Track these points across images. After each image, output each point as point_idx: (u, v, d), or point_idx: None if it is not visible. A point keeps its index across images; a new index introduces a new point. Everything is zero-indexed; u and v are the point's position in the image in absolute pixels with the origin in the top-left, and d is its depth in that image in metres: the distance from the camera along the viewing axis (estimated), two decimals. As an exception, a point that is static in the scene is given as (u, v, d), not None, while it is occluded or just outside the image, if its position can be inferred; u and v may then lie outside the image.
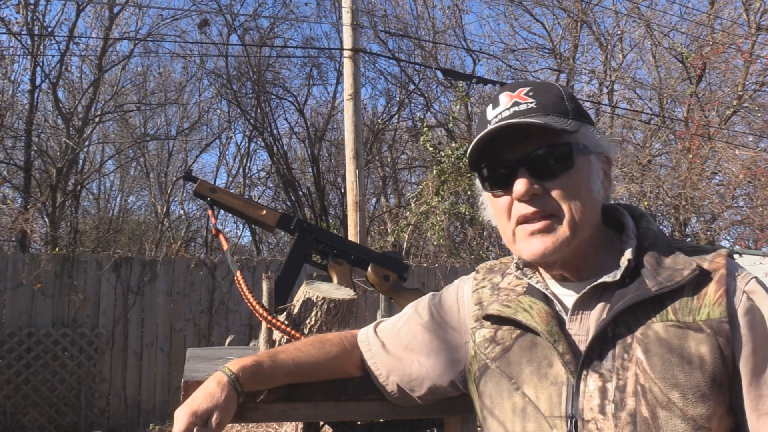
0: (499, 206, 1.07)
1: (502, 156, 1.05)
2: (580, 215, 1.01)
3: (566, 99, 1.06)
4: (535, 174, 1.02)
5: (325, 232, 1.79)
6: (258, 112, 13.00)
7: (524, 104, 1.04)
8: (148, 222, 15.79)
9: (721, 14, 13.32)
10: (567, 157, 1.02)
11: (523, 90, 1.06)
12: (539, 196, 1.02)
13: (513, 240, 1.06)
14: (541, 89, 1.06)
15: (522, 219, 1.03)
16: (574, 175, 1.02)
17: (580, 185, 1.02)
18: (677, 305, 0.97)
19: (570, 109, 1.04)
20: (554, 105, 1.04)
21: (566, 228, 1.01)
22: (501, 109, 1.05)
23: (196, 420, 1.07)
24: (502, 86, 1.11)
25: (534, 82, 1.11)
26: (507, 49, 14.58)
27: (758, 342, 0.95)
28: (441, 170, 9.51)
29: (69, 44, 11.27)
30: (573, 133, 1.03)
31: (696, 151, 11.27)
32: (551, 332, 1.01)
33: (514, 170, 1.03)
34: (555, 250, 1.01)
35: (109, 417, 6.79)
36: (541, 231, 1.02)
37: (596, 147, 1.06)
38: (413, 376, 1.20)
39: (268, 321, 1.49)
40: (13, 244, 10.52)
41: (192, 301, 7.23)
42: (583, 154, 1.04)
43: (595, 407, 0.96)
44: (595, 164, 1.06)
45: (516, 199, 1.03)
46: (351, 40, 7.54)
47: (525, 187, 1.01)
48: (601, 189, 1.06)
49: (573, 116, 1.04)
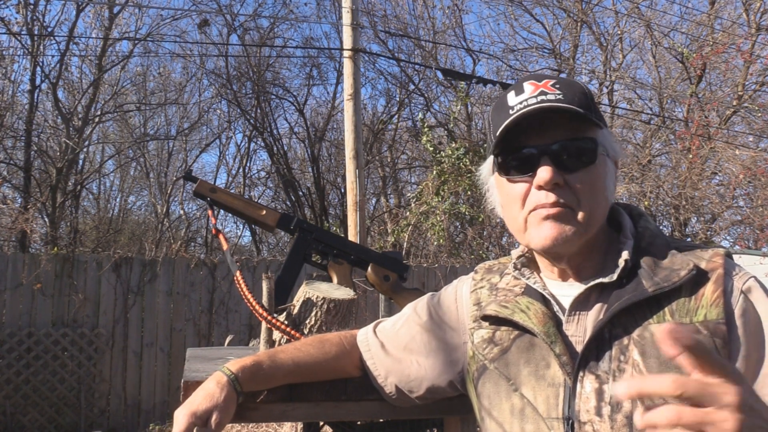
0: (514, 193, 1.05)
1: (523, 143, 1.03)
2: (594, 212, 1.01)
3: (589, 97, 1.06)
4: (558, 164, 1.00)
5: (325, 232, 1.79)
6: (258, 112, 13.00)
7: (552, 95, 1.02)
8: (148, 222, 15.79)
9: (721, 14, 13.32)
10: (591, 152, 1.02)
11: (549, 82, 1.05)
12: (560, 187, 1.00)
13: (524, 227, 1.04)
14: (567, 83, 1.06)
15: (539, 207, 1.02)
16: (595, 171, 1.02)
17: (598, 182, 1.03)
18: (674, 306, 0.97)
19: (593, 107, 1.04)
20: (580, 100, 1.03)
21: (581, 220, 1.00)
22: (526, 96, 1.03)
23: (195, 420, 1.07)
24: (525, 77, 1.09)
25: (557, 76, 1.11)
26: (507, 49, 14.60)
27: (754, 344, 0.94)
28: (441, 170, 9.51)
29: (69, 44, 11.29)
30: (599, 130, 1.03)
31: (696, 151, 11.27)
32: (548, 333, 1.01)
33: (536, 158, 1.01)
34: (567, 240, 1.00)
35: (109, 417, 6.79)
36: (556, 217, 1.00)
37: (612, 150, 1.07)
38: (412, 376, 1.20)
39: (267, 321, 1.49)
40: (13, 244, 10.52)
41: (192, 301, 7.23)
42: (603, 154, 1.04)
43: (591, 409, 0.96)
44: (610, 166, 1.06)
45: (537, 187, 1.01)
46: (351, 40, 7.54)
47: (550, 175, 0.99)
48: (613, 191, 1.07)
49: (595, 115, 1.04)
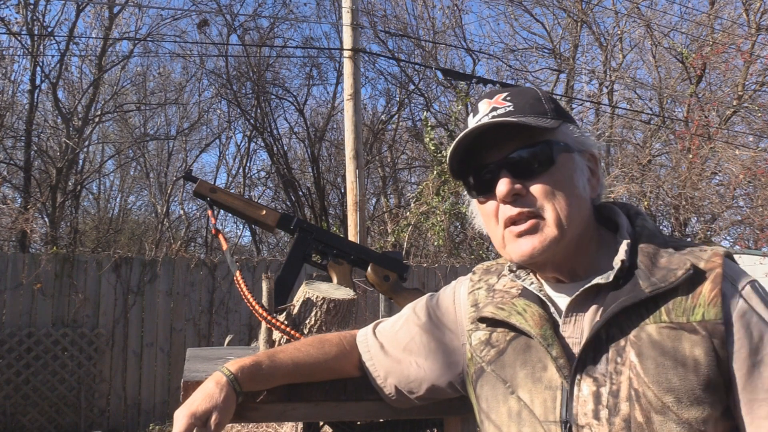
0: (487, 211, 1.07)
1: (484, 161, 1.05)
2: (565, 213, 1.01)
3: (544, 100, 1.06)
4: (516, 174, 1.01)
5: (325, 232, 1.78)
6: (258, 112, 12.99)
7: (502, 108, 1.04)
8: (148, 222, 15.80)
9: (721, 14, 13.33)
10: (547, 156, 1.02)
11: (500, 95, 1.07)
12: (522, 197, 1.01)
13: (503, 244, 1.05)
14: (518, 93, 1.07)
15: (509, 221, 1.03)
16: (556, 173, 1.02)
17: (562, 183, 1.02)
18: (671, 305, 0.96)
19: (548, 109, 1.05)
20: (531, 106, 1.04)
21: (553, 227, 1.00)
22: (480, 116, 1.06)
23: (195, 421, 1.07)
24: (481, 95, 1.11)
25: (511, 87, 1.13)
26: (507, 49, 14.61)
27: (752, 345, 0.94)
28: (442, 170, 9.51)
29: (69, 44, 11.29)
30: (552, 132, 1.03)
31: (696, 151, 11.28)
32: (545, 336, 1.01)
33: (496, 173, 1.03)
34: (543, 250, 1.01)
35: (109, 417, 6.79)
36: (528, 231, 1.01)
37: (578, 145, 1.06)
38: (411, 377, 1.20)
39: (267, 321, 1.49)
40: (13, 244, 10.52)
41: (192, 301, 7.23)
42: (565, 152, 1.04)
43: (589, 412, 0.96)
44: (579, 162, 1.05)
45: (500, 201, 1.03)
46: (351, 40, 7.54)
47: (507, 187, 1.01)
48: (587, 186, 1.06)
49: (552, 116, 1.04)
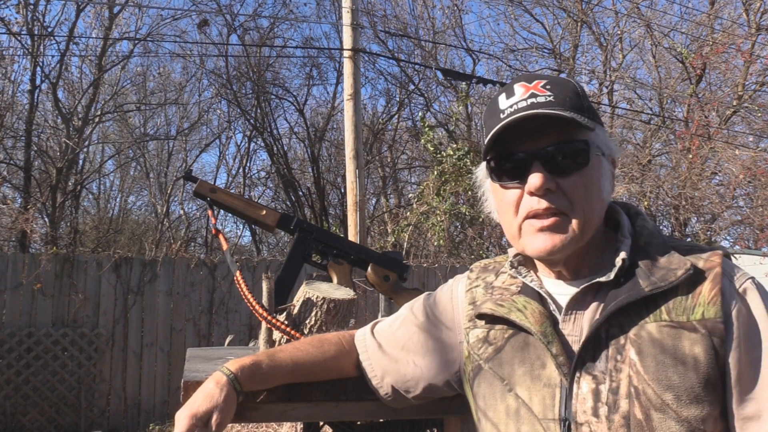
0: (507, 199, 1.03)
1: (514, 147, 1.01)
2: (590, 215, 1.00)
3: (581, 96, 1.03)
4: (550, 169, 0.99)
5: (325, 232, 1.78)
6: (258, 112, 13.00)
7: (542, 96, 1.00)
8: (148, 222, 15.80)
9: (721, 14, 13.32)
10: (584, 155, 1.00)
11: (540, 82, 1.02)
12: (552, 192, 0.99)
13: (518, 235, 1.03)
14: (558, 83, 1.03)
15: (532, 214, 1.00)
16: (588, 173, 1.00)
17: (591, 185, 1.01)
18: (671, 305, 0.96)
19: (585, 107, 1.02)
20: (572, 100, 1.00)
21: (576, 227, 0.99)
22: (516, 99, 1.01)
23: (196, 422, 1.07)
24: (516, 78, 1.06)
25: (549, 75, 1.07)
26: (507, 49, 14.62)
27: (751, 344, 0.94)
28: (442, 171, 9.52)
29: (69, 44, 11.30)
30: (589, 132, 1.01)
31: (696, 151, 11.27)
32: (545, 333, 1.00)
33: (528, 163, 0.99)
34: (563, 248, 0.99)
35: (109, 417, 6.79)
36: (550, 228, 0.99)
37: (607, 149, 1.05)
38: (408, 377, 1.19)
39: (268, 321, 1.49)
40: (13, 244, 10.52)
41: (192, 301, 7.23)
42: (597, 154, 1.02)
43: (588, 410, 0.95)
44: (606, 166, 1.04)
45: (528, 193, 1.00)
46: (351, 40, 7.54)
47: (541, 182, 0.97)
48: (610, 191, 1.05)
49: (588, 114, 1.01)
